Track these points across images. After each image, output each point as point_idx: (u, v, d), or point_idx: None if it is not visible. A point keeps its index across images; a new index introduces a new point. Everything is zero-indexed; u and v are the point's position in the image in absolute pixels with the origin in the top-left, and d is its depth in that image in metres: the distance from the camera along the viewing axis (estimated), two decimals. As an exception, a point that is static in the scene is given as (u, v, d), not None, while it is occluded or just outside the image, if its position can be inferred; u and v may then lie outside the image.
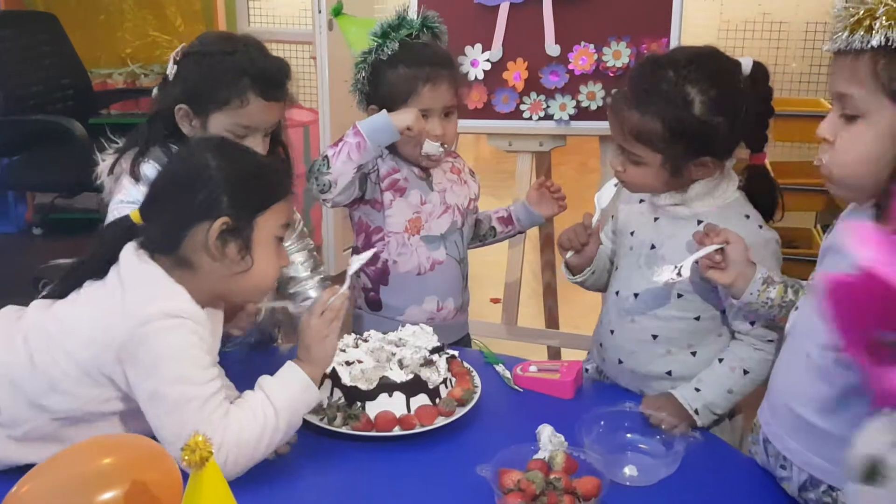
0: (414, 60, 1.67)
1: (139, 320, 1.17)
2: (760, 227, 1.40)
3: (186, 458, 0.86)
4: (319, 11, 3.46)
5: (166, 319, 1.18)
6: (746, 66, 1.37)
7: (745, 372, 1.37)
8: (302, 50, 4.30)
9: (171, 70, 1.56)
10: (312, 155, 3.94)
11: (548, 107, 2.23)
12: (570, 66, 2.20)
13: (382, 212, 1.71)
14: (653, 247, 1.45)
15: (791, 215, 3.39)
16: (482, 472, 1.16)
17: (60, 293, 1.27)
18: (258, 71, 1.51)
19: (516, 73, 2.24)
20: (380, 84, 1.69)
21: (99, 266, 1.25)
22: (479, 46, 2.26)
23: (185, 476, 0.91)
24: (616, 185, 1.51)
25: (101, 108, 3.96)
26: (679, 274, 1.32)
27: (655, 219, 1.46)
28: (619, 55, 2.16)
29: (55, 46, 3.79)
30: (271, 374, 1.27)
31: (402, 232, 1.72)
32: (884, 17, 0.99)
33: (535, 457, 1.22)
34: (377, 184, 1.71)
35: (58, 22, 3.83)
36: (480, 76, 2.26)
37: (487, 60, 2.25)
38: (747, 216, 1.41)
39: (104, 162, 1.57)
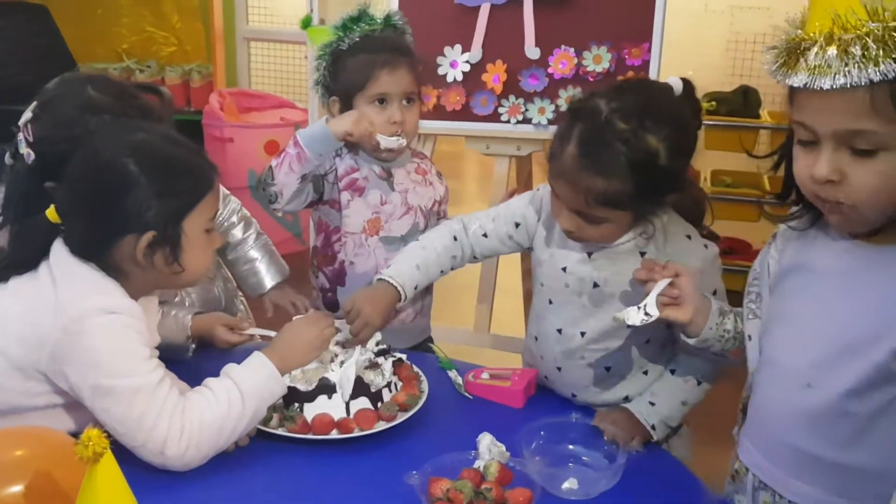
0: (373, 47, 1.66)
1: (72, 317, 1.15)
2: (705, 245, 1.35)
3: (80, 452, 0.82)
4: (311, 11, 3.43)
5: (100, 315, 1.16)
6: (677, 87, 1.28)
7: (699, 382, 1.33)
8: (296, 50, 4.28)
9: (27, 153, 1.32)
10: (302, 155, 3.90)
11: (526, 110, 2.19)
12: (550, 70, 2.16)
13: (340, 212, 1.68)
14: (596, 285, 1.36)
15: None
16: (411, 480, 1.12)
17: None
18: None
19: (495, 75, 2.20)
20: (339, 73, 1.67)
21: (20, 265, 1.22)
22: (458, 47, 2.23)
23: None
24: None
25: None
26: (647, 314, 1.21)
27: (589, 254, 1.36)
28: (599, 59, 2.12)
29: (47, 39, 3.78)
30: None
31: (359, 233, 1.69)
32: (876, 46, 0.89)
33: (473, 466, 1.18)
34: (335, 184, 1.67)
35: (49, 14, 3.83)
36: (459, 77, 2.23)
37: (467, 62, 2.22)
38: (689, 236, 1.35)
39: None
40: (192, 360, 1.52)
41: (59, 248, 1.22)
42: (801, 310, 1.10)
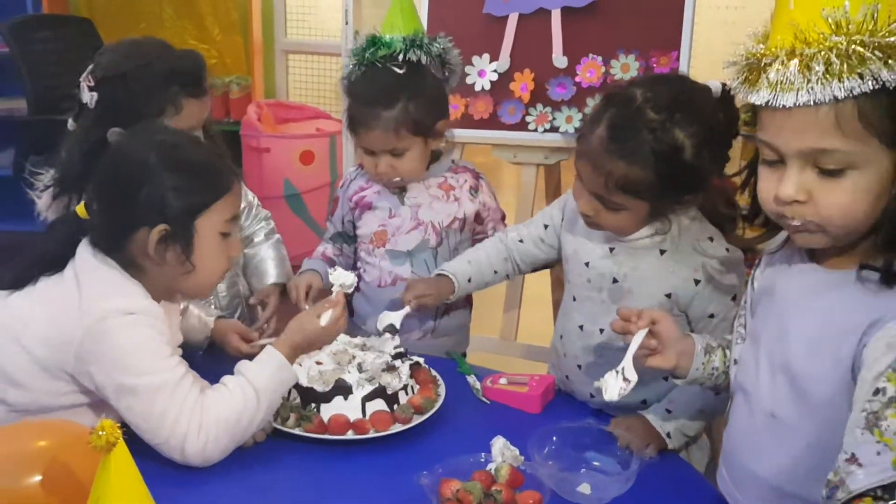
0: (357, 97, 1.63)
1: (95, 318, 1.18)
2: (727, 249, 1.34)
3: (93, 441, 0.85)
4: (347, 23, 3.48)
5: (122, 316, 1.19)
6: (716, 90, 1.27)
7: (718, 392, 1.32)
8: (333, 62, 4.33)
9: (90, 97, 1.52)
10: (337, 164, 3.96)
11: (554, 119, 2.19)
12: (578, 79, 2.16)
13: (353, 222, 1.74)
14: (615, 280, 1.38)
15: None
16: (422, 480, 1.13)
17: (13, 285, 1.27)
18: (181, 74, 1.52)
19: (523, 84, 2.21)
20: (346, 114, 1.67)
21: (52, 262, 1.26)
22: (486, 57, 2.24)
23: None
24: None
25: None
26: (626, 379, 1.19)
27: (611, 249, 1.39)
28: (627, 68, 2.12)
29: (91, 51, 3.86)
30: None
31: (367, 243, 1.71)
32: (856, 58, 0.85)
33: (485, 468, 1.18)
34: (349, 200, 1.73)
35: (94, 27, 3.92)
36: (487, 87, 2.24)
37: (495, 71, 2.23)
38: (711, 238, 1.35)
39: (41, 199, 1.54)
40: (206, 360, 1.53)
41: (83, 251, 1.25)
42: (763, 334, 1.07)
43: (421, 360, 1.45)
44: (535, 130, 2.21)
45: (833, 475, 0.89)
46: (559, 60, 2.17)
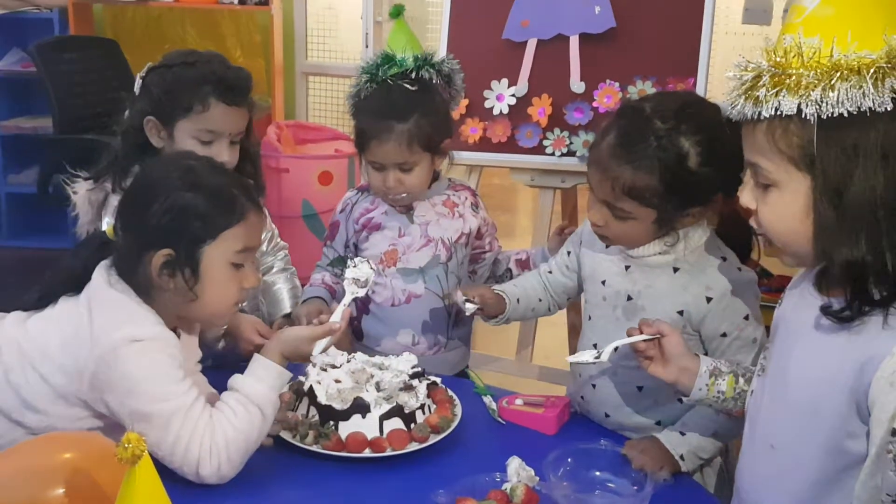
0: (369, 111, 1.66)
1: (106, 349, 1.19)
2: (739, 269, 1.37)
3: (119, 454, 0.87)
4: (367, 46, 3.54)
5: (132, 344, 1.20)
6: (725, 109, 1.32)
7: (730, 415, 1.32)
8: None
9: (137, 85, 1.63)
10: (355, 184, 3.99)
11: (571, 143, 2.22)
12: (595, 104, 2.19)
13: (359, 245, 1.75)
14: (629, 298, 1.41)
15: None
16: (438, 499, 1.14)
17: (37, 305, 1.29)
18: (219, 78, 1.58)
19: (541, 108, 2.24)
20: (354, 125, 1.70)
21: (73, 282, 1.28)
22: (504, 81, 2.27)
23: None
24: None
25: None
26: (598, 357, 1.28)
27: (626, 267, 1.42)
28: (644, 94, 2.14)
29: (116, 71, 3.96)
30: None
31: (377, 264, 1.71)
32: (769, 85, 0.94)
33: (501, 488, 1.20)
34: (354, 222, 1.74)
35: (119, 48, 4.00)
36: (505, 110, 2.27)
37: (513, 95, 2.26)
38: (724, 258, 1.37)
39: (77, 193, 1.61)
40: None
41: (98, 274, 1.26)
42: (770, 365, 1.10)
43: (438, 379, 1.46)
44: (553, 154, 2.24)
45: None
46: (577, 86, 2.19)
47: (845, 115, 0.91)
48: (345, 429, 1.32)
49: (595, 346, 1.37)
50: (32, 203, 4.17)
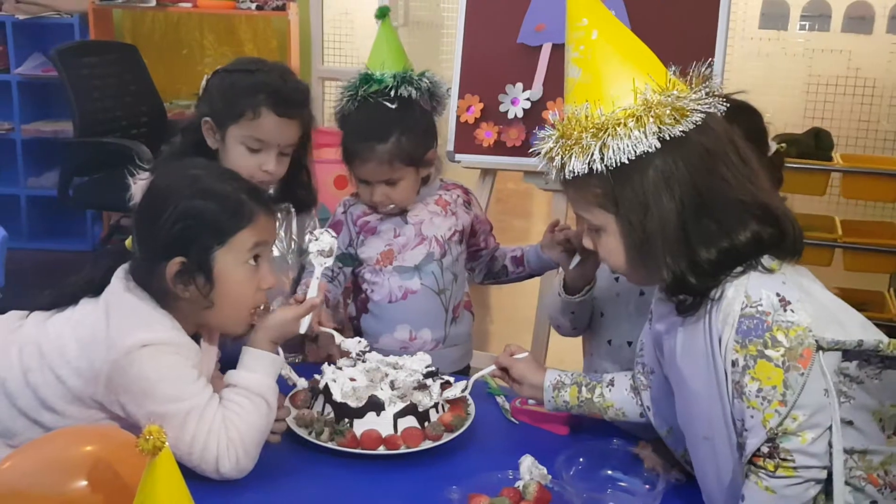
0: (351, 130, 1.71)
1: (121, 351, 1.21)
2: None
3: (141, 445, 0.89)
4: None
5: (146, 348, 1.21)
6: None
7: None
8: (369, 89, 4.41)
9: (202, 84, 1.67)
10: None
11: (585, 147, 2.23)
12: (609, 108, 2.19)
13: (357, 246, 1.77)
14: (642, 293, 1.45)
15: (863, 277, 3.27)
16: (451, 495, 1.15)
17: (52, 306, 1.31)
18: (273, 88, 1.58)
19: (555, 112, 2.25)
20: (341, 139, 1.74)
21: (92, 287, 1.30)
22: (520, 85, 2.29)
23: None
24: None
25: (173, 135, 4.15)
26: (464, 390, 1.43)
27: None
28: (658, 99, 2.15)
29: (135, 76, 4.00)
30: None
31: (373, 264, 1.76)
32: (562, 153, 1.10)
33: (514, 485, 1.21)
34: (353, 224, 1.77)
35: (138, 53, 4.05)
36: (520, 114, 2.29)
37: (528, 99, 2.28)
38: None
39: (136, 185, 1.62)
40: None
41: (115, 281, 1.28)
42: (669, 371, 1.21)
43: (451, 379, 1.48)
44: (567, 158, 2.25)
45: (740, 438, 1.06)
46: (591, 90, 2.20)
47: (626, 161, 1.06)
48: (359, 426, 1.34)
49: (609, 342, 1.40)
50: (52, 206, 4.23)
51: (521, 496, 1.18)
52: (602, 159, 1.06)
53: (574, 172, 1.09)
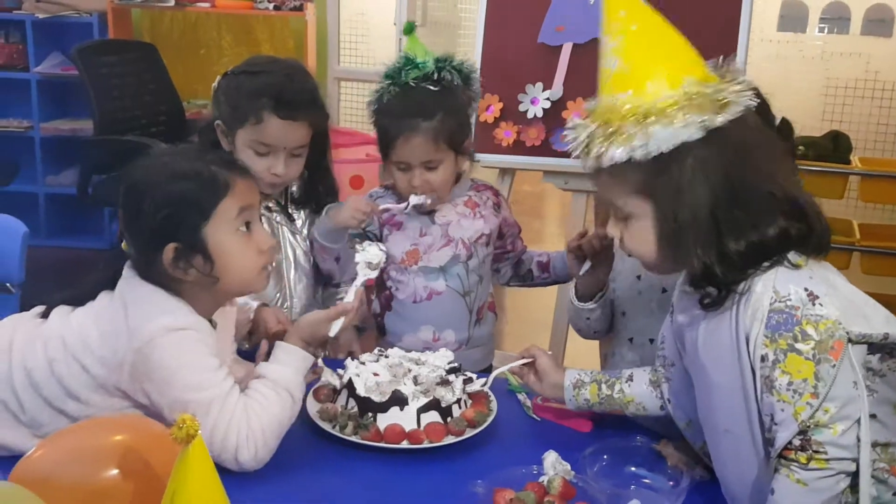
0: (393, 113, 1.67)
1: (143, 340, 1.22)
2: None
3: (174, 433, 0.90)
4: (400, 52, 3.57)
5: (168, 334, 1.23)
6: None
7: None
8: (385, 89, 4.43)
9: (214, 88, 1.67)
10: (386, 190, 4.03)
11: (605, 147, 2.23)
12: (629, 108, 2.20)
13: (381, 240, 1.76)
14: (664, 290, 1.47)
15: (881, 280, 3.26)
16: (476, 489, 1.16)
17: (71, 302, 1.33)
18: (276, 91, 1.57)
19: (576, 112, 2.24)
20: (377, 131, 1.72)
21: (109, 283, 1.31)
22: (539, 85, 2.29)
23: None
24: None
25: (191, 134, 4.18)
26: (484, 385, 1.46)
27: None
28: (678, 99, 2.15)
29: (153, 75, 4.03)
30: None
31: (398, 263, 1.75)
32: (602, 141, 1.10)
33: (538, 480, 1.21)
34: (377, 217, 1.75)
35: (157, 52, 4.08)
36: (540, 114, 2.30)
37: (547, 99, 2.28)
38: None
39: None
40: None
41: (127, 271, 1.30)
42: (690, 364, 1.21)
43: (474, 375, 1.48)
44: (587, 158, 2.25)
45: (769, 434, 1.06)
46: (612, 90, 2.21)
47: (665, 151, 1.07)
48: (383, 420, 1.35)
49: (631, 340, 1.40)
50: (70, 203, 4.27)
51: (545, 491, 1.18)
52: (644, 147, 1.07)
53: (614, 160, 1.09)
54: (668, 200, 1.10)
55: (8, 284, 2.49)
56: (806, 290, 1.06)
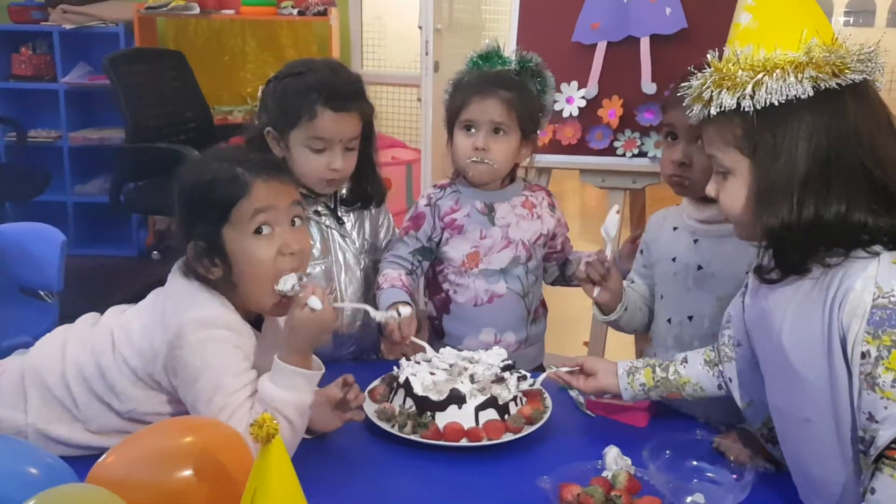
0: (472, 83, 1.73)
1: (174, 332, 1.24)
2: None
3: (254, 432, 0.91)
4: (427, 54, 3.58)
5: (197, 331, 1.23)
6: None
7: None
8: (409, 92, 4.45)
9: (260, 92, 1.70)
10: (413, 192, 4.05)
11: (642, 144, 2.23)
12: (666, 105, 2.20)
13: (441, 243, 1.77)
14: (700, 267, 1.51)
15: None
16: (543, 484, 1.17)
17: (133, 299, 1.37)
18: (324, 85, 1.60)
19: (611, 110, 2.26)
20: (448, 103, 1.76)
21: (160, 283, 1.34)
22: (574, 84, 2.29)
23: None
24: (618, 213, 1.52)
25: (219, 141, 4.22)
26: (531, 385, 1.46)
27: (695, 241, 1.53)
28: (715, 94, 2.15)
29: (182, 82, 4.07)
30: None
31: (458, 266, 1.75)
32: (712, 87, 1.11)
33: (602, 475, 1.22)
34: (439, 219, 1.76)
35: (185, 59, 4.11)
36: (575, 113, 2.29)
37: (583, 97, 2.28)
38: None
39: None
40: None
41: (174, 269, 1.33)
42: (762, 352, 1.21)
43: (527, 374, 1.49)
44: (623, 155, 2.25)
45: (863, 432, 1.03)
46: (648, 86, 2.21)
47: (775, 104, 1.06)
48: (441, 419, 1.36)
49: (669, 320, 1.50)
50: (98, 212, 4.31)
51: (611, 485, 1.18)
52: (752, 97, 1.06)
53: (722, 107, 1.09)
54: (766, 158, 1.09)
55: (46, 293, 2.51)
56: None
